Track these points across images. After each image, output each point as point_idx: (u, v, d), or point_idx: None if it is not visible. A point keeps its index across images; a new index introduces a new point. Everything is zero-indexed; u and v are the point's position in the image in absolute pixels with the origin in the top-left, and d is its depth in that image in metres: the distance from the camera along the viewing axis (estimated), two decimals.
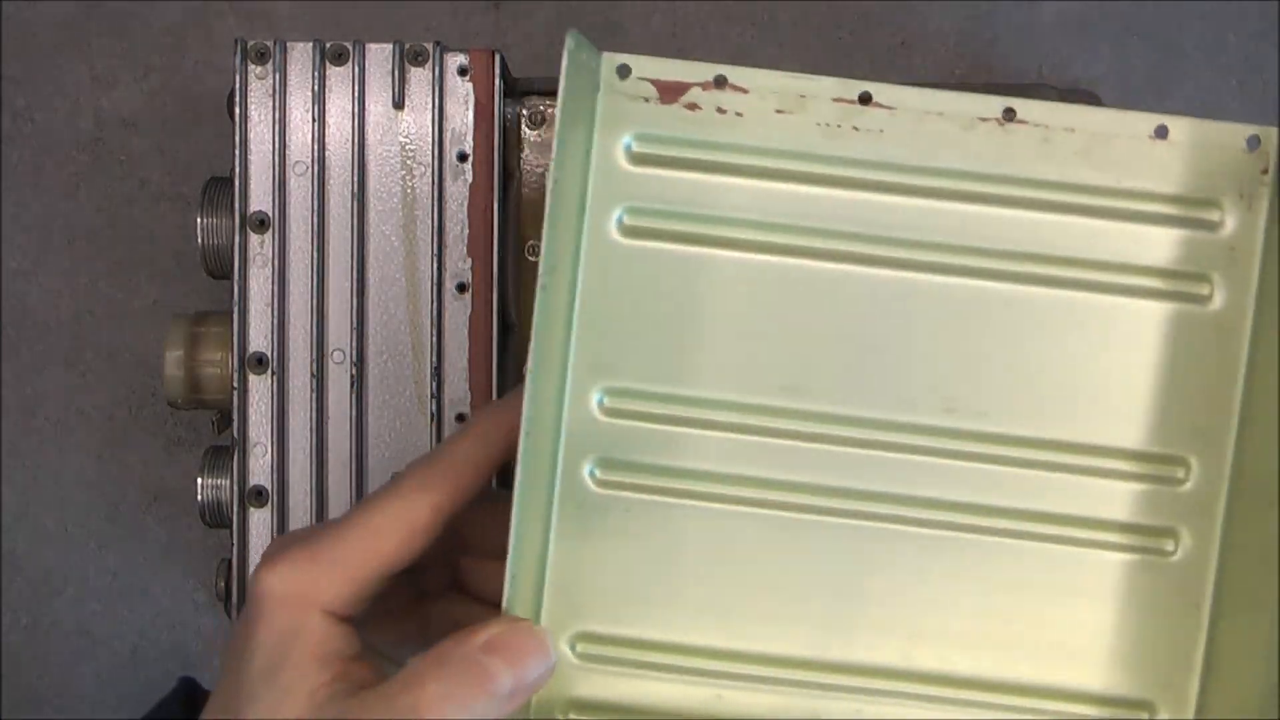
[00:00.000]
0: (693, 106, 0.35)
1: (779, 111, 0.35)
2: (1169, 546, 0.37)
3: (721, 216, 0.36)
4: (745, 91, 0.35)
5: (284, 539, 0.34)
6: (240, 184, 0.42)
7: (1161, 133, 0.35)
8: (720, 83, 0.35)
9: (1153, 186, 0.36)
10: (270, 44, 0.42)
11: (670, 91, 0.35)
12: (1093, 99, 0.48)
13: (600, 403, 0.36)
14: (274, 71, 0.42)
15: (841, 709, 0.37)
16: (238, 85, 0.42)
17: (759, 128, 0.35)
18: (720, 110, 0.35)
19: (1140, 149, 0.36)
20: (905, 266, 0.36)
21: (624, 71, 0.35)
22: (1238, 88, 0.53)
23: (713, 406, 0.36)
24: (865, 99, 0.35)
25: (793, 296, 0.36)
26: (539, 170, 0.45)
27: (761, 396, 0.36)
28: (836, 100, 0.35)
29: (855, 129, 0.35)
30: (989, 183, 0.36)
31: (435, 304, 0.43)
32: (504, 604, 0.32)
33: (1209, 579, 0.37)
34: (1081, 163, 0.36)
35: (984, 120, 0.36)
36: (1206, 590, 0.37)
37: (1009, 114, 0.36)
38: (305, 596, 0.32)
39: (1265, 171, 0.36)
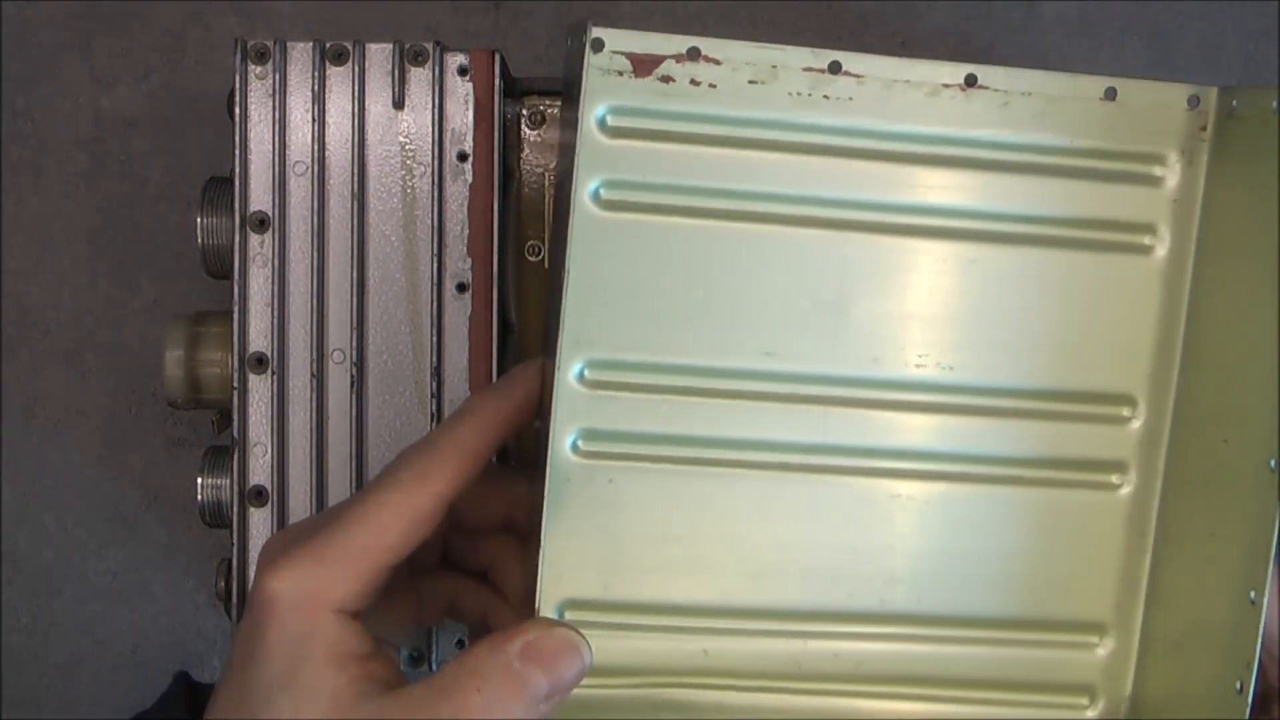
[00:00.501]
0: (667, 79, 0.36)
1: (751, 82, 0.36)
2: (1116, 480, 0.40)
3: (696, 187, 0.37)
4: (718, 63, 0.36)
5: (283, 536, 0.34)
6: (240, 184, 0.42)
7: (1111, 94, 0.37)
8: (693, 55, 0.36)
9: (1102, 144, 0.38)
10: (270, 44, 0.42)
11: (644, 65, 0.36)
12: None
13: (581, 375, 0.37)
14: (274, 71, 0.42)
15: (820, 649, 0.39)
16: (238, 85, 0.42)
17: (732, 98, 0.36)
18: (694, 82, 0.36)
19: (1092, 110, 0.38)
20: (874, 229, 0.38)
21: (598, 45, 0.35)
22: None
23: (692, 373, 0.37)
24: (835, 68, 0.36)
25: (767, 262, 0.37)
26: (539, 170, 0.45)
27: (739, 361, 0.38)
28: (807, 70, 0.36)
29: (825, 97, 0.37)
30: (953, 146, 0.38)
31: (435, 304, 0.43)
32: (536, 605, 0.33)
33: (1153, 509, 0.40)
34: (1038, 125, 0.37)
35: (948, 86, 0.37)
36: (1151, 519, 0.40)
37: (971, 80, 0.37)
38: (315, 598, 0.32)
39: (1204, 129, 0.38)
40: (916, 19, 0.53)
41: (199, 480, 0.44)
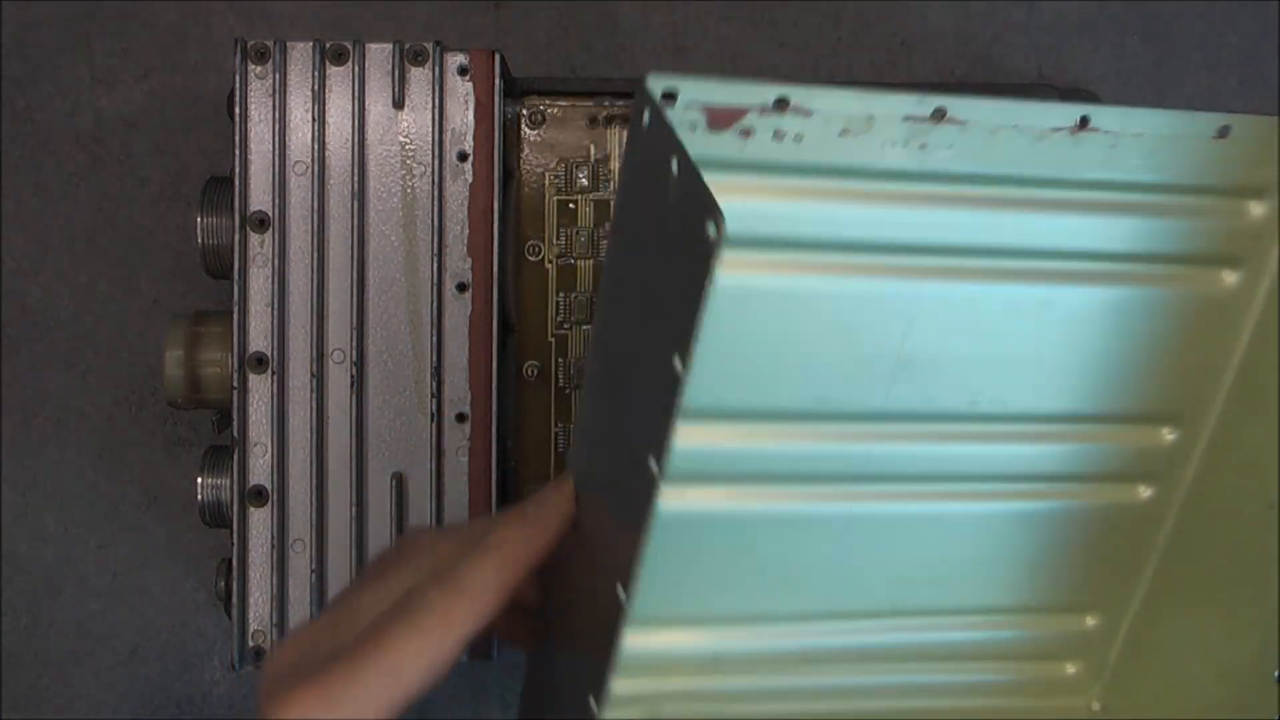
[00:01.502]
0: (747, 133, 0.32)
1: (843, 134, 0.33)
2: (1142, 489, 0.40)
3: (766, 239, 0.34)
4: (808, 114, 0.32)
5: (290, 657, 0.32)
6: (240, 184, 0.42)
7: (1224, 132, 0.35)
8: (781, 105, 0.32)
9: (1208, 181, 0.36)
10: (270, 44, 0.42)
11: (722, 118, 0.32)
12: (1092, 99, 0.48)
13: None
14: (274, 71, 0.42)
15: (829, 642, 0.40)
16: (238, 85, 0.42)
17: (820, 151, 0.33)
18: (778, 136, 0.32)
19: (1200, 148, 0.35)
20: (949, 275, 0.36)
21: (671, 96, 0.30)
22: (1238, 87, 0.53)
23: (746, 418, 0.36)
24: (939, 115, 0.33)
25: (832, 314, 0.35)
26: (539, 170, 0.45)
27: (789, 404, 0.36)
28: (908, 119, 0.33)
29: (922, 147, 0.33)
30: (1050, 189, 0.35)
31: (435, 304, 0.43)
32: None
33: (1170, 518, 0.40)
34: (1143, 165, 0.35)
35: (1057, 130, 0.34)
36: (1165, 526, 0.40)
37: (1083, 122, 0.34)
38: None
39: None
40: (916, 19, 0.53)
41: (199, 480, 0.44)
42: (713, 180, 0.32)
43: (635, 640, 0.37)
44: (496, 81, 0.43)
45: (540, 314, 0.45)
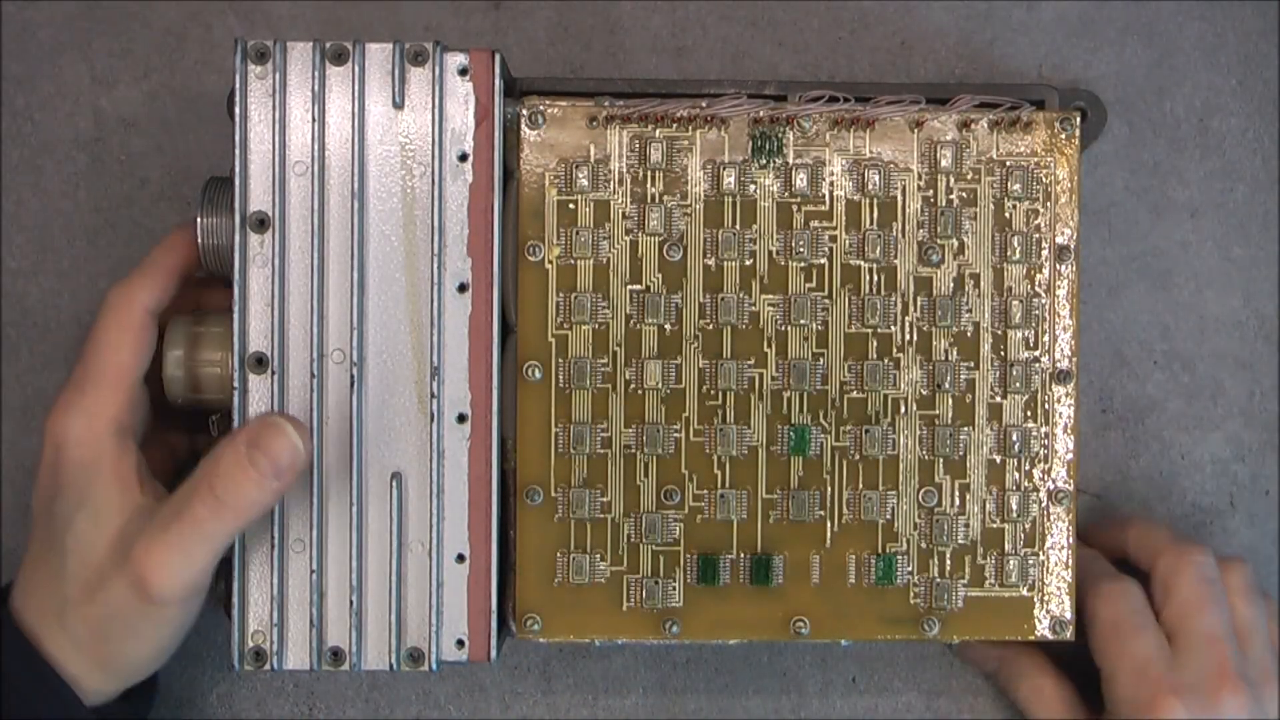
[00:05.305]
0: None
1: None
2: None
3: None
4: None
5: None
6: (240, 184, 0.42)
7: None
8: None
9: None
10: (270, 44, 0.42)
11: None
12: (1093, 99, 0.48)
13: None
14: (274, 71, 0.42)
15: None
16: (238, 85, 0.42)
17: None
18: None
19: None
20: None
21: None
22: (1238, 87, 0.53)
23: None
24: None
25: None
26: (539, 170, 0.45)
27: None
28: None
29: None
30: None
31: (435, 304, 0.43)
32: None
33: None
34: None
35: None
36: None
37: None
38: (90, 423, 0.40)
39: None
40: (916, 19, 0.53)
41: None
42: None
43: None
44: (496, 82, 0.43)
45: (540, 314, 0.45)
